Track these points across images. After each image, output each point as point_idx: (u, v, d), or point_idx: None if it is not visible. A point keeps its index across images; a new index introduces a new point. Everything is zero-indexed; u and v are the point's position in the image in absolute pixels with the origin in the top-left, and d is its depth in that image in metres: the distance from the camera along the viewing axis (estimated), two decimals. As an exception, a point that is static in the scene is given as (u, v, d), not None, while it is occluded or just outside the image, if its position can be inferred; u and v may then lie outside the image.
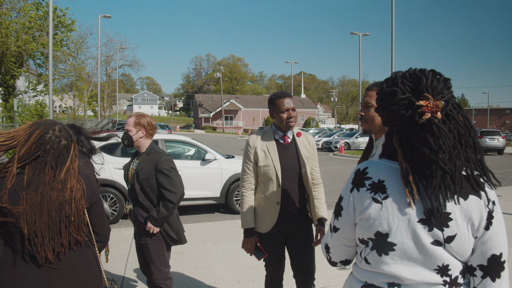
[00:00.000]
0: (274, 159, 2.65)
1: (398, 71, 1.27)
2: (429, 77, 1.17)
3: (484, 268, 1.19)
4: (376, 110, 1.30)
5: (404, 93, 1.17)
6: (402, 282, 1.20)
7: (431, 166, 1.15)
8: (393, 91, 1.19)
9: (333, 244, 1.38)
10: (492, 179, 1.22)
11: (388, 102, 1.20)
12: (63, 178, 1.74)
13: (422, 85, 1.16)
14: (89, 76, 32.31)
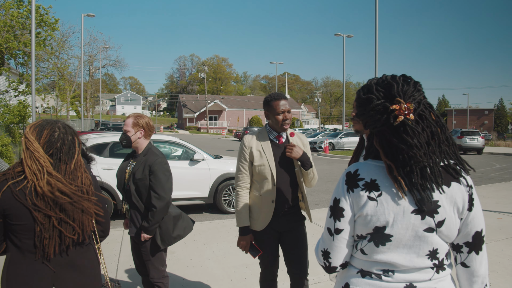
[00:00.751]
0: (269, 159, 2.72)
1: (373, 79, 1.39)
2: (399, 83, 1.29)
3: (470, 244, 1.35)
4: (357, 116, 1.40)
5: (378, 99, 1.29)
6: (396, 269, 1.32)
7: (410, 162, 1.26)
8: (369, 98, 1.31)
9: (335, 247, 1.40)
10: (467, 166, 1.36)
11: (366, 108, 1.32)
12: (73, 168, 1.85)
13: (394, 91, 1.28)
14: (72, 76, 31.83)
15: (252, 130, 42.22)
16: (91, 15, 27.34)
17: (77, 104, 33.02)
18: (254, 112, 73.12)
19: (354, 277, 1.38)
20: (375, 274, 1.34)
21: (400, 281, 1.31)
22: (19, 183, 1.73)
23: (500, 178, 13.07)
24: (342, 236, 1.38)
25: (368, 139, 1.43)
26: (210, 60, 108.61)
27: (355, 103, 1.83)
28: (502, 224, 6.39)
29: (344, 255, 1.41)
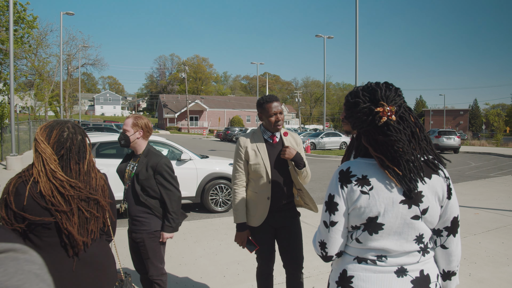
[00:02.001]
0: (264, 158, 2.85)
1: (359, 86, 1.59)
2: (382, 89, 1.49)
3: (448, 228, 1.55)
4: (345, 117, 1.60)
5: (365, 103, 1.48)
6: (388, 254, 1.50)
7: (396, 155, 1.45)
8: (356, 102, 1.51)
9: (331, 238, 1.56)
10: (443, 160, 1.57)
11: (354, 111, 1.51)
12: (87, 169, 1.91)
13: (378, 95, 1.47)
14: (49, 75, 31.19)
15: (233, 130, 42.31)
16: (70, 13, 26.82)
17: (55, 104, 32.38)
18: (235, 112, 73.15)
19: (351, 264, 1.54)
20: (370, 260, 1.51)
21: (393, 265, 1.49)
22: (33, 183, 1.80)
23: (476, 176, 13.58)
24: (337, 227, 1.54)
25: (357, 139, 1.62)
26: (191, 60, 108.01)
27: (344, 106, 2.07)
28: (479, 219, 6.70)
29: (339, 245, 1.56)
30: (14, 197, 1.77)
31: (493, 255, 4.84)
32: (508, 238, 5.58)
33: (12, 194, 1.77)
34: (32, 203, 1.77)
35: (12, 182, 1.81)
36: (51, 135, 1.87)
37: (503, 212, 7.19)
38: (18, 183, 1.80)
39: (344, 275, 1.55)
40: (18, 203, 1.78)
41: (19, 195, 1.77)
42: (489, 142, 38.15)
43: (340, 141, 28.82)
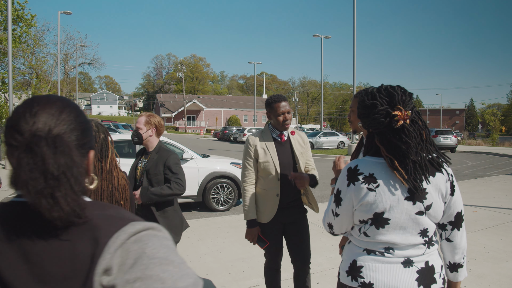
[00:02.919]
0: (273, 156, 2.93)
1: (373, 87, 1.68)
2: (399, 93, 1.57)
3: (452, 222, 1.66)
4: (359, 117, 1.68)
5: (382, 105, 1.56)
6: (395, 246, 1.59)
7: (405, 158, 1.55)
8: (374, 104, 1.58)
9: (336, 223, 1.73)
10: (447, 159, 1.68)
11: (370, 112, 1.59)
12: (109, 168, 1.94)
13: (396, 100, 1.56)
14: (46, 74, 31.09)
15: (231, 130, 42.35)
16: (67, 13, 26.78)
17: (52, 103, 32.18)
18: (232, 111, 73.16)
19: (361, 255, 1.65)
20: (378, 252, 1.61)
21: (400, 257, 1.59)
22: None
23: (473, 175, 13.74)
24: (340, 218, 1.69)
25: (368, 138, 1.70)
26: (188, 59, 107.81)
27: (355, 107, 2.29)
28: (478, 216, 6.81)
29: (344, 228, 1.72)
30: None
31: (492, 252, 4.94)
32: (506, 235, 5.69)
33: None
34: None
35: None
36: None
37: (500, 210, 7.31)
38: None
39: (354, 265, 1.65)
40: None
41: None
42: (485, 142, 38.44)
43: (338, 140, 28.94)
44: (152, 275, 0.66)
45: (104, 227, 0.72)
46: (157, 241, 0.72)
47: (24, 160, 0.70)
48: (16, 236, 0.71)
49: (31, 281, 0.68)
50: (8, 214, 0.75)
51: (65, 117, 0.76)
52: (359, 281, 1.61)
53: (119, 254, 0.69)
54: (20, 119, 0.74)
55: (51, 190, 0.69)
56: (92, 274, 0.67)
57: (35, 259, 0.69)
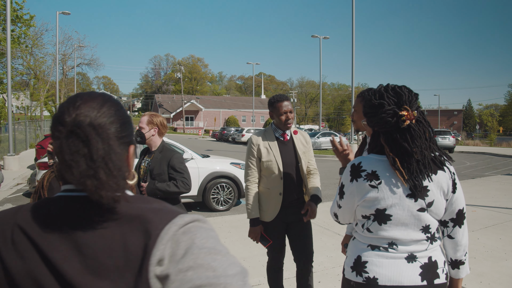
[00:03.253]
0: (276, 155, 2.96)
1: (380, 87, 1.70)
2: (406, 94, 1.61)
3: (454, 220, 1.69)
4: (366, 116, 1.71)
5: (389, 105, 1.60)
6: (398, 242, 1.63)
7: (409, 158, 1.58)
8: (381, 103, 1.62)
9: (341, 213, 1.80)
10: (449, 157, 1.71)
11: (377, 111, 1.62)
12: None
13: (403, 100, 1.60)
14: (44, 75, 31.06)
15: (229, 130, 42.37)
16: (66, 13, 26.72)
17: (50, 104, 32.24)
18: (230, 112, 73.18)
19: (365, 251, 1.69)
20: (382, 247, 1.65)
21: (403, 252, 1.63)
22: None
23: (472, 175, 13.81)
24: (343, 209, 1.76)
25: (372, 137, 1.74)
26: (186, 60, 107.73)
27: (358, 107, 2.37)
28: (477, 216, 6.85)
29: (348, 218, 1.79)
30: (48, 191, 1.85)
31: (491, 251, 4.98)
32: (505, 234, 5.73)
33: (46, 189, 1.85)
34: None
35: (46, 177, 1.89)
36: None
37: (499, 210, 7.36)
38: (52, 178, 1.88)
39: (359, 261, 1.68)
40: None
41: (53, 189, 1.85)
42: (483, 142, 38.60)
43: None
44: (203, 264, 0.69)
45: (155, 220, 0.75)
46: (204, 232, 0.76)
47: (66, 144, 0.75)
48: (68, 229, 0.75)
49: (85, 272, 0.71)
50: (58, 209, 0.78)
51: (106, 110, 0.80)
52: (364, 276, 1.64)
53: (170, 245, 0.72)
54: (64, 113, 0.79)
55: (93, 172, 0.73)
56: (147, 265, 0.70)
57: (88, 251, 0.72)
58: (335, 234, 5.78)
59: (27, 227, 0.76)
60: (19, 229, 0.76)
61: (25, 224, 0.76)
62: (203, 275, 0.68)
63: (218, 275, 0.69)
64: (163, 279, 0.70)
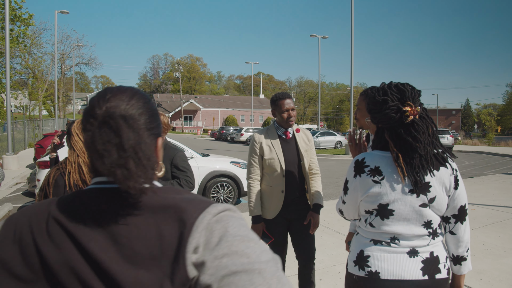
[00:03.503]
0: (278, 153, 2.98)
1: (383, 84, 1.73)
2: (409, 90, 1.64)
3: (456, 216, 1.71)
4: (370, 113, 1.74)
5: (393, 101, 1.63)
6: (400, 237, 1.66)
7: (413, 153, 1.61)
8: (385, 100, 1.65)
9: (345, 209, 1.84)
10: (452, 153, 1.75)
11: (382, 108, 1.65)
12: None
13: (406, 96, 1.62)
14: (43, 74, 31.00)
15: (228, 130, 42.41)
16: (65, 12, 26.71)
17: (49, 103, 32.19)
18: (229, 111, 73.14)
19: (368, 245, 1.72)
20: (385, 242, 1.68)
21: (405, 247, 1.65)
22: (69, 174, 1.89)
23: (471, 174, 13.86)
24: (347, 205, 1.79)
25: (376, 134, 1.76)
26: (184, 59, 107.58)
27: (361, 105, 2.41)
28: (476, 214, 6.89)
29: (351, 214, 1.82)
30: (53, 188, 1.86)
31: (491, 248, 5.01)
32: (504, 232, 5.76)
33: (52, 186, 1.86)
34: (68, 193, 1.86)
35: (52, 174, 1.90)
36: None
37: (498, 208, 7.40)
38: (57, 175, 1.89)
39: (361, 255, 1.71)
40: (57, 194, 1.87)
41: (58, 186, 1.86)
42: (481, 141, 38.71)
43: (335, 140, 29.04)
44: (238, 251, 0.72)
45: (189, 209, 0.77)
46: (236, 221, 0.78)
47: (99, 135, 0.77)
48: (102, 220, 0.77)
49: (121, 261, 0.73)
50: (91, 200, 0.81)
51: (134, 102, 0.83)
52: (366, 270, 1.67)
53: (204, 233, 0.74)
54: (95, 106, 0.81)
55: (124, 161, 0.75)
56: (184, 252, 0.73)
57: (123, 241, 0.75)
58: (335, 233, 5.80)
59: (62, 219, 0.79)
60: (54, 221, 0.79)
61: (60, 216, 0.79)
62: (238, 262, 0.70)
63: (253, 262, 0.71)
64: (199, 266, 0.72)
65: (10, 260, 0.78)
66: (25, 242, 0.78)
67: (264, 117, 69.31)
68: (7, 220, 0.84)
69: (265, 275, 0.70)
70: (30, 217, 0.82)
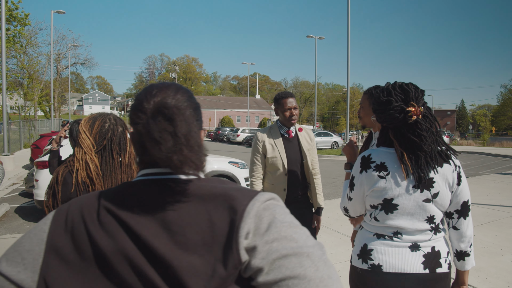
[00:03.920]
0: (280, 151, 3.01)
1: (387, 84, 1.78)
2: (413, 90, 1.70)
3: (459, 211, 1.76)
4: (375, 112, 1.80)
5: (397, 102, 1.68)
6: (403, 231, 1.72)
7: (417, 151, 1.66)
8: (389, 100, 1.70)
9: (350, 207, 1.88)
10: (454, 151, 1.80)
11: (386, 108, 1.70)
12: (128, 162, 1.97)
13: (410, 96, 1.68)
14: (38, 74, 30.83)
15: (224, 130, 42.39)
16: (61, 12, 26.58)
17: (44, 103, 32.01)
18: (225, 112, 73.10)
19: (371, 239, 1.77)
20: (387, 236, 1.73)
21: (407, 241, 1.71)
22: (77, 172, 1.90)
23: (466, 174, 13.93)
24: (353, 201, 1.84)
25: (381, 132, 1.83)
26: (180, 60, 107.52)
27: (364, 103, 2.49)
28: (473, 213, 6.85)
29: (358, 210, 1.87)
30: (62, 186, 1.87)
31: (488, 246, 5.08)
32: (500, 231, 5.84)
33: (61, 184, 1.87)
34: (76, 190, 1.88)
35: (60, 172, 1.91)
36: (94, 126, 1.93)
37: (494, 207, 7.48)
38: (65, 173, 1.90)
39: (365, 249, 1.77)
40: (65, 192, 1.89)
41: (67, 184, 1.88)
42: (476, 142, 38.90)
43: (331, 140, 29.11)
44: (287, 236, 0.76)
45: (239, 197, 0.81)
46: (281, 209, 0.83)
47: (153, 124, 0.80)
48: (154, 209, 0.81)
49: (174, 247, 0.77)
50: (141, 191, 0.84)
51: (180, 96, 0.87)
52: (369, 263, 1.73)
53: (254, 220, 0.78)
54: (142, 101, 0.85)
55: (179, 148, 0.79)
56: (237, 238, 0.76)
57: (175, 228, 0.79)
58: (334, 232, 5.85)
59: (113, 208, 0.83)
60: (105, 210, 0.83)
61: (111, 206, 0.83)
62: (288, 246, 0.75)
63: (301, 245, 0.76)
64: (250, 250, 0.76)
65: (63, 248, 0.81)
66: (77, 230, 0.82)
67: (260, 118, 69.34)
68: (57, 210, 0.88)
69: (313, 258, 0.75)
70: (81, 208, 0.85)
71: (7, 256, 0.85)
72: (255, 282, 0.76)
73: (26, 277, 0.81)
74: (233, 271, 0.76)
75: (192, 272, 0.75)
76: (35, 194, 6.86)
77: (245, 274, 0.78)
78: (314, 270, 0.73)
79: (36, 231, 0.86)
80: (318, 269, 0.73)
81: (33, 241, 0.84)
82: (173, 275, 0.75)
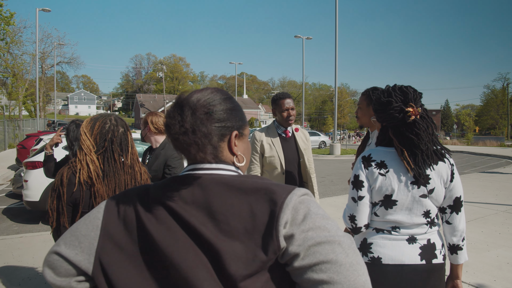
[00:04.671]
0: (278, 151, 3.09)
1: (387, 87, 1.90)
2: (411, 92, 1.81)
3: (452, 206, 1.86)
4: (375, 112, 1.91)
5: (397, 103, 1.80)
6: (401, 225, 1.83)
7: (415, 149, 1.78)
8: (389, 101, 1.81)
9: (359, 211, 1.86)
10: (448, 150, 1.90)
11: (386, 108, 1.82)
12: (130, 163, 1.99)
13: (409, 98, 1.80)
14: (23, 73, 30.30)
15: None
16: (46, 10, 26.21)
17: (29, 103, 31.50)
18: (213, 112, 72.72)
19: (370, 234, 1.88)
20: (386, 230, 1.84)
21: (405, 235, 1.82)
22: (80, 172, 1.93)
23: (451, 173, 14.22)
24: (364, 201, 1.85)
25: (381, 131, 1.94)
26: (167, 59, 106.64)
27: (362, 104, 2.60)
28: (459, 211, 7.14)
29: (367, 216, 1.87)
30: (67, 187, 1.88)
31: (474, 243, 5.24)
32: (486, 228, 6.02)
33: (66, 186, 1.88)
34: (79, 190, 1.91)
35: (64, 173, 1.91)
36: (94, 127, 1.95)
37: (479, 205, 7.69)
38: (69, 174, 1.92)
39: (365, 243, 1.88)
40: (69, 193, 1.91)
41: (71, 184, 1.89)
42: (460, 141, 39.71)
43: (319, 140, 29.33)
44: (320, 226, 0.86)
45: (279, 191, 0.89)
46: (314, 203, 0.92)
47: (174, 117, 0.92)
48: (201, 200, 0.90)
49: (219, 234, 0.86)
50: (188, 184, 0.93)
51: (212, 96, 0.98)
52: (369, 256, 1.84)
53: (291, 211, 0.87)
54: (181, 97, 0.97)
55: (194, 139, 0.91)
56: (277, 226, 0.85)
57: (221, 217, 0.87)
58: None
59: (163, 199, 0.91)
60: (155, 201, 0.92)
61: (161, 197, 0.92)
62: (322, 234, 0.85)
63: (333, 234, 0.85)
64: (288, 238, 0.85)
65: (116, 234, 0.91)
66: (129, 218, 0.92)
67: (248, 117, 69.36)
68: (109, 200, 0.97)
69: (344, 246, 0.84)
70: (132, 198, 0.95)
71: (65, 240, 0.94)
72: (291, 267, 0.86)
73: (83, 259, 0.91)
74: (273, 256, 0.85)
75: (235, 256, 0.84)
76: (24, 195, 6.69)
77: (282, 260, 0.87)
78: (345, 256, 0.82)
79: (91, 218, 0.95)
80: (348, 255, 0.83)
81: (89, 227, 0.93)
82: (218, 259, 0.84)
